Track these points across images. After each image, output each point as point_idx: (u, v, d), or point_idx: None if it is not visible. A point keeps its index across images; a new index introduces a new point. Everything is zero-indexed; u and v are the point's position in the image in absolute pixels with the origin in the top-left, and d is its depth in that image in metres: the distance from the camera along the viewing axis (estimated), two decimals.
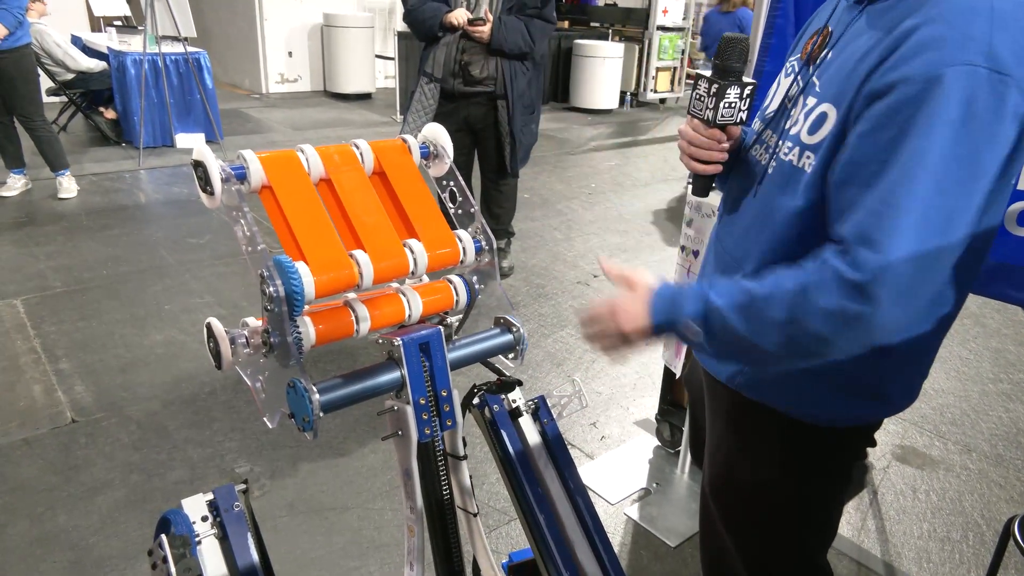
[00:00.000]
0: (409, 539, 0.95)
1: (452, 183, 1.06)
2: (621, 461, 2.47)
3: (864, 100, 0.87)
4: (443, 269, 1.02)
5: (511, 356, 1.04)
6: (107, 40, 6.24)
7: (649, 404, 2.76)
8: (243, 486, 0.99)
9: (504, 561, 1.33)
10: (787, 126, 1.03)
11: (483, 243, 1.02)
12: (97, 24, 7.50)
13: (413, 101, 3.40)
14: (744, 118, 1.08)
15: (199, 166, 0.89)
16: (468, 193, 1.04)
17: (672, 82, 9.42)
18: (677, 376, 2.38)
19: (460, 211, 1.05)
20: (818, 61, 1.01)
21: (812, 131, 0.97)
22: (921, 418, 2.77)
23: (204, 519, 0.92)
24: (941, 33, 0.82)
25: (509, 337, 1.02)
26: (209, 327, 0.95)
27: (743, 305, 0.91)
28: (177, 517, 0.88)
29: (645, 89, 9.22)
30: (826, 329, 0.85)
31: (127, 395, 2.70)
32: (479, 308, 1.08)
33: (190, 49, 5.92)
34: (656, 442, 2.54)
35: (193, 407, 2.64)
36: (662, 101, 9.65)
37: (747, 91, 1.06)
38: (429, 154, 1.07)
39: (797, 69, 1.07)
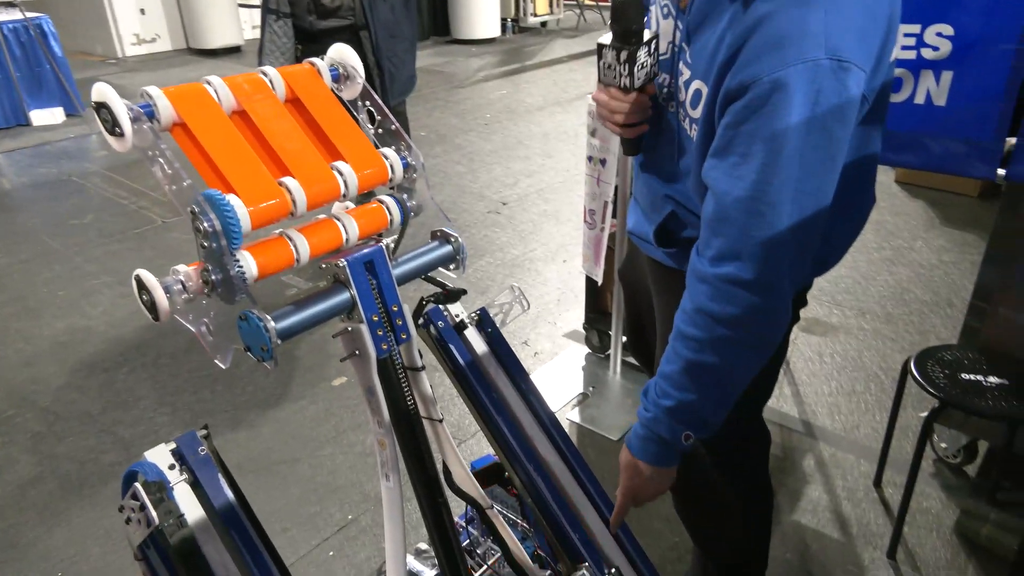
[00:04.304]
0: (381, 452, 0.97)
1: (368, 103, 1.04)
2: (556, 372, 2.57)
3: (723, 98, 0.91)
4: (373, 190, 1.02)
5: (452, 267, 1.06)
6: None
7: (575, 317, 2.86)
8: (204, 432, 0.98)
9: None
10: (676, 90, 1.06)
11: (409, 159, 1.02)
12: None
13: (264, 44, 3.13)
14: (656, 71, 1.09)
15: (102, 108, 0.84)
16: (387, 111, 1.03)
17: (551, 4, 9.35)
18: (599, 284, 2.48)
19: (381, 130, 1.04)
20: (687, 12, 1.00)
21: (693, 105, 1.02)
22: (819, 291, 3.01)
23: (171, 467, 0.92)
24: (782, 31, 0.85)
25: (448, 248, 1.04)
26: (139, 279, 0.91)
27: (680, 383, 1.01)
28: (145, 467, 0.87)
29: (525, 14, 9.13)
30: (743, 329, 0.96)
31: (37, 387, 2.55)
32: (413, 227, 1.09)
33: (29, 15, 5.36)
34: (587, 350, 2.66)
35: (113, 389, 2.53)
36: (543, 24, 9.58)
37: (653, 46, 1.06)
38: (340, 76, 1.05)
39: (674, 12, 1.04)
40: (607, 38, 1.08)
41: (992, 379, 1.68)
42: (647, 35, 1.05)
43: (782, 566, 1.78)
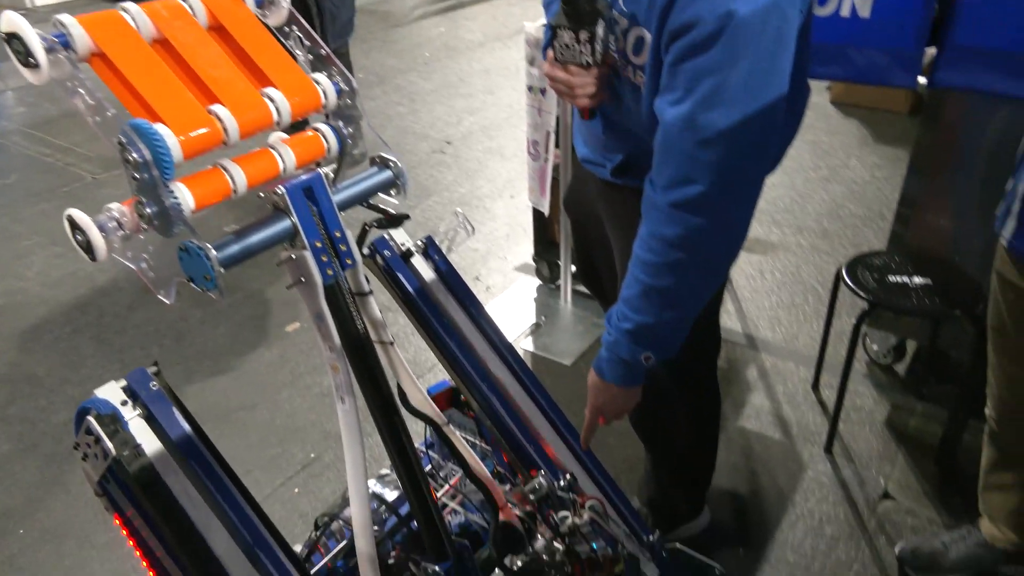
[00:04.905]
0: (335, 376, 0.99)
1: (296, 28, 1.02)
2: (509, 304, 2.61)
3: (668, 36, 0.93)
4: (308, 117, 1.01)
5: (394, 192, 1.06)
6: None
7: (524, 251, 2.89)
8: (155, 368, 0.98)
9: None
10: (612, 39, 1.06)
11: (341, 84, 1.01)
12: None
13: None
14: (612, 36, 1.07)
15: (13, 38, 0.81)
16: (315, 36, 1.01)
17: None
18: (546, 215, 2.50)
19: (311, 56, 1.02)
20: None
21: (636, 52, 1.02)
22: (759, 212, 3.08)
23: (124, 404, 0.92)
24: None
25: (388, 173, 1.04)
26: (71, 219, 0.90)
27: (638, 307, 1.05)
28: (97, 403, 0.87)
29: None
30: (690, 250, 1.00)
31: None
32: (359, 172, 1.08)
33: None
34: (537, 281, 2.70)
35: (58, 350, 2.48)
36: None
37: (607, 14, 1.03)
38: (264, 2, 1.02)
39: None
40: (558, 19, 1.04)
41: (917, 280, 1.78)
42: (601, 8, 1.02)
43: (729, 469, 1.89)
